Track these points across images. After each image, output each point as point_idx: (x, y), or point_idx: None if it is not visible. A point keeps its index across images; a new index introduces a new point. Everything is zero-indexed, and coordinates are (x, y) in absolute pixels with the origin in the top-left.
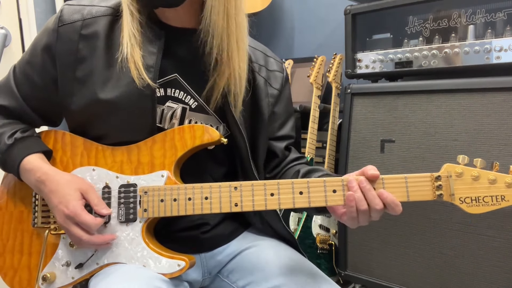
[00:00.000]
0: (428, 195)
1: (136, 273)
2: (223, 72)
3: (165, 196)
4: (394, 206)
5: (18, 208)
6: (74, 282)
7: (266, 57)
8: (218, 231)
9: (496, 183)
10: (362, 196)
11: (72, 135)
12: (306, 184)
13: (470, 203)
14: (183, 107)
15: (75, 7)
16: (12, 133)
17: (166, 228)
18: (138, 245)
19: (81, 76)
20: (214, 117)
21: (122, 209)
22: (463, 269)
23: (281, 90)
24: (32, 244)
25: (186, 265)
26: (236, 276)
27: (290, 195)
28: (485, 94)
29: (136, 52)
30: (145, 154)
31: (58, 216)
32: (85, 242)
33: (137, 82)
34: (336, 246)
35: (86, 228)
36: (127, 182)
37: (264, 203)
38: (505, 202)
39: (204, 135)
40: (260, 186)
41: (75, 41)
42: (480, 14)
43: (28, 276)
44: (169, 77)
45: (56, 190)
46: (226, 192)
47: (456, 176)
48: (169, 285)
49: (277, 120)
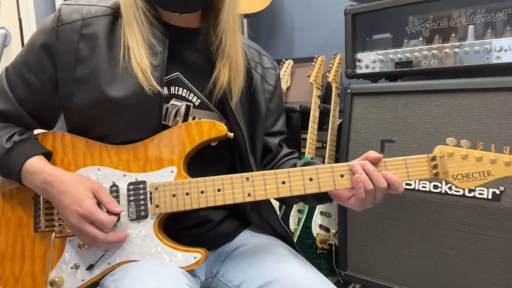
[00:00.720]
0: (426, 174)
1: (160, 269)
2: (224, 68)
3: (176, 190)
4: (397, 185)
5: (17, 213)
6: (85, 285)
7: (260, 55)
8: (222, 229)
9: (481, 160)
10: (367, 177)
11: (72, 136)
12: (315, 170)
13: (461, 179)
14: (187, 105)
15: (73, 7)
16: (9, 136)
17: (172, 227)
18: (152, 241)
19: (81, 77)
20: (216, 113)
21: (132, 206)
22: (463, 269)
23: (275, 86)
24: (35, 250)
25: (202, 257)
26: (231, 275)
27: (300, 182)
28: (485, 94)
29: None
30: (152, 151)
31: (71, 216)
32: (101, 241)
33: (145, 85)
34: (336, 246)
35: (101, 226)
36: (136, 179)
37: (277, 191)
38: (491, 177)
39: (212, 130)
40: (271, 175)
41: (75, 41)
42: (480, 14)
43: (32, 283)
44: (172, 76)
45: (66, 191)
46: (238, 183)
47: (448, 156)
48: (190, 278)
49: (271, 117)
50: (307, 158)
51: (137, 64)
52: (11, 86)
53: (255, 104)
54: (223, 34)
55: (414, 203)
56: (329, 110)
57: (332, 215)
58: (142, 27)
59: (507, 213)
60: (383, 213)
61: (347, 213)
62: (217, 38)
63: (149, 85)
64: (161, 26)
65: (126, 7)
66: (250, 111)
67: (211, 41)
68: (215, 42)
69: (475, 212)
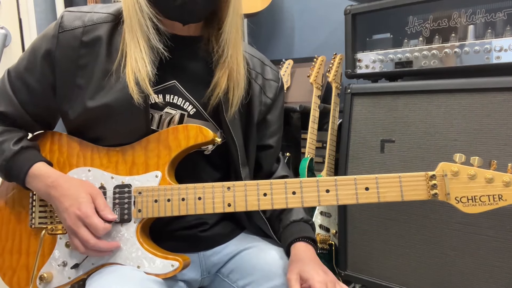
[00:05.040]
0: (423, 194)
1: (130, 275)
2: (224, 77)
3: (158, 196)
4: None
5: (16, 208)
6: (71, 282)
7: (263, 65)
8: (217, 230)
9: (493, 182)
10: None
11: (68, 136)
12: (299, 184)
13: (466, 202)
14: (181, 113)
15: (76, 14)
16: (16, 140)
17: (165, 227)
18: (133, 245)
19: (81, 83)
20: (211, 124)
21: (117, 209)
22: (463, 269)
23: (274, 99)
24: (30, 244)
25: (180, 266)
26: (236, 276)
27: (283, 195)
28: (485, 94)
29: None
30: (139, 155)
31: (69, 217)
32: (91, 246)
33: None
34: (336, 246)
35: (93, 230)
36: (122, 182)
37: (257, 203)
38: (502, 202)
39: (198, 135)
40: (253, 186)
41: (76, 48)
42: (480, 14)
43: (26, 275)
44: (168, 84)
45: (68, 194)
46: (219, 192)
47: (452, 175)
48: (163, 285)
49: (268, 128)
50: (307, 158)
51: (131, 71)
52: (13, 90)
53: (250, 116)
54: (225, 45)
55: (414, 203)
56: (329, 110)
57: (332, 215)
58: (148, 33)
59: (507, 213)
60: (383, 213)
61: (347, 213)
62: (219, 49)
63: (140, 92)
64: (161, 34)
65: (130, 13)
66: (246, 122)
67: (212, 49)
68: (217, 52)
69: None
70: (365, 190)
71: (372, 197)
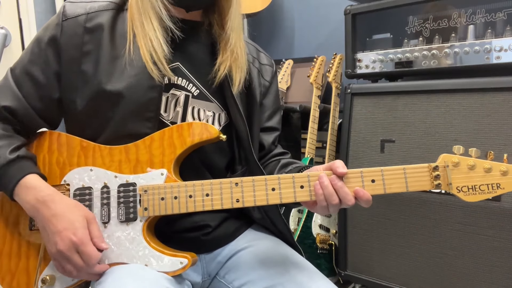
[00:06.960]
0: (426, 185)
1: (143, 273)
2: (227, 59)
3: (165, 194)
4: (367, 202)
5: (15, 211)
6: (75, 284)
7: (258, 51)
8: (218, 233)
9: (491, 171)
10: (333, 191)
11: (68, 136)
12: (306, 178)
13: (467, 191)
14: (185, 95)
15: (77, 4)
16: (14, 148)
17: (167, 229)
18: (139, 244)
19: (87, 70)
20: (215, 104)
21: (122, 208)
22: (463, 269)
23: (271, 82)
24: (30, 247)
25: (188, 263)
26: (232, 276)
27: (291, 189)
28: (485, 94)
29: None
30: (143, 153)
31: (62, 242)
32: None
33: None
34: (336, 246)
35: (86, 259)
36: (126, 181)
37: (266, 198)
38: (500, 190)
39: (203, 133)
40: (261, 181)
41: (80, 35)
42: (480, 14)
43: (26, 279)
44: (172, 65)
45: (62, 215)
46: (227, 188)
47: (453, 165)
48: (174, 283)
49: (266, 111)
50: (307, 158)
51: (147, 51)
52: (17, 84)
53: (251, 97)
54: (231, 31)
55: (414, 203)
56: (329, 110)
57: (332, 215)
58: (161, 13)
59: (507, 213)
60: (383, 213)
61: (347, 213)
62: (225, 35)
63: (158, 72)
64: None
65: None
66: (248, 103)
67: (215, 33)
68: (222, 37)
69: (475, 212)
70: (371, 182)
71: (378, 189)
